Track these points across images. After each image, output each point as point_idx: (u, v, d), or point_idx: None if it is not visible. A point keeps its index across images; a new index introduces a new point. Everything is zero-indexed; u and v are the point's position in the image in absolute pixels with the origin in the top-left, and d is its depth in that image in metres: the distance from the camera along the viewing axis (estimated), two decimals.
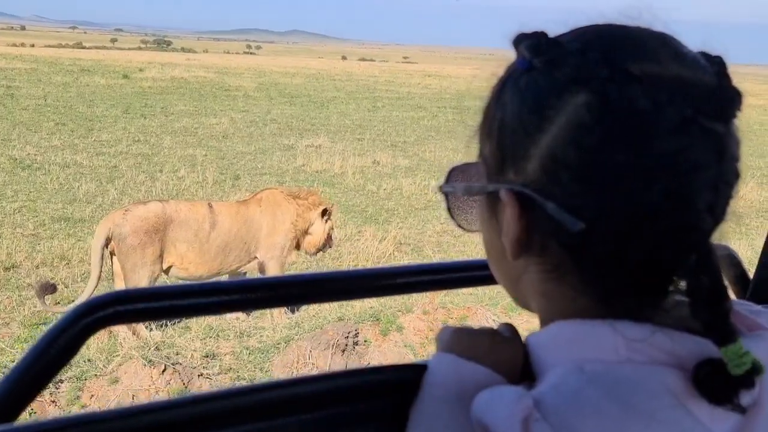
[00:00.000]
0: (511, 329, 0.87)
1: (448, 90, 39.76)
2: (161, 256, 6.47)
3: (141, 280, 6.28)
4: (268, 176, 13.28)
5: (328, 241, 7.67)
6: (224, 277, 6.93)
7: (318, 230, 7.44)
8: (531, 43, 0.73)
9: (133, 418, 0.80)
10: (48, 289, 5.86)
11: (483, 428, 0.69)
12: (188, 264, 6.62)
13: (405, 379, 0.88)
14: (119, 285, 6.35)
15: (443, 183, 0.89)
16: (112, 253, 6.40)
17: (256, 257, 7.10)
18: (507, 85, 0.76)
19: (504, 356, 0.82)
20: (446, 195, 0.89)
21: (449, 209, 0.90)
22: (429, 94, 36.13)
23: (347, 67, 66.55)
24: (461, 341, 0.84)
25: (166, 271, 6.65)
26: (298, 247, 7.50)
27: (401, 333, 6.10)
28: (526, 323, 6.25)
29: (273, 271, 7.11)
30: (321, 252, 7.80)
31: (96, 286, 6.26)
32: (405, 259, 9.19)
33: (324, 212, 7.41)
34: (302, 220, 7.29)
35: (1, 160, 12.89)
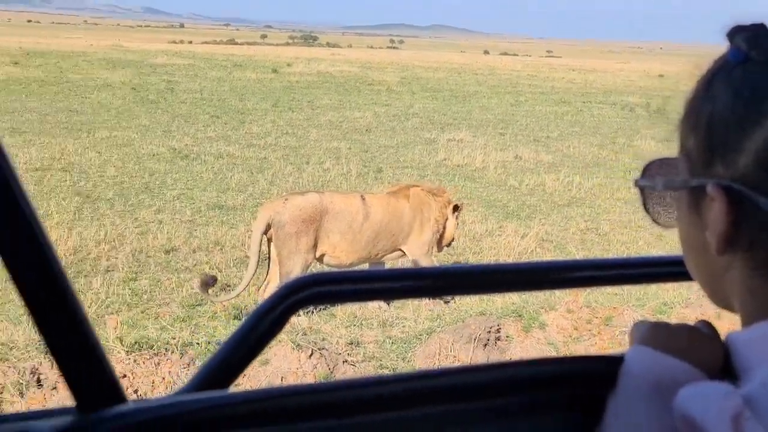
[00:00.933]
0: (709, 326, 0.86)
1: (593, 84, 38.68)
2: (315, 245, 6.68)
3: (295, 267, 6.51)
4: (409, 170, 13.43)
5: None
6: (365, 266, 7.11)
7: (450, 226, 7.51)
8: (748, 35, 0.72)
9: (343, 391, 0.86)
10: (210, 282, 6.22)
11: (689, 424, 0.69)
12: (340, 253, 6.80)
13: (595, 371, 0.89)
14: (274, 270, 6.62)
15: (640, 177, 0.88)
16: (269, 240, 6.68)
17: (400, 249, 7.21)
18: (717, 77, 0.75)
19: (703, 353, 0.81)
20: (642, 189, 0.88)
21: (644, 204, 0.89)
22: (573, 88, 35.29)
23: (490, 61, 66.05)
24: (659, 336, 0.84)
25: (320, 259, 6.86)
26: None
27: (544, 330, 6.02)
28: None
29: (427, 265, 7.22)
30: (447, 247, 7.84)
31: (255, 272, 6.55)
32: (547, 256, 9.05)
33: (455, 208, 7.47)
34: (441, 216, 7.37)
35: (162, 150, 13.72)
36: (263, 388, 0.87)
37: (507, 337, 5.94)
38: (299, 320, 6.30)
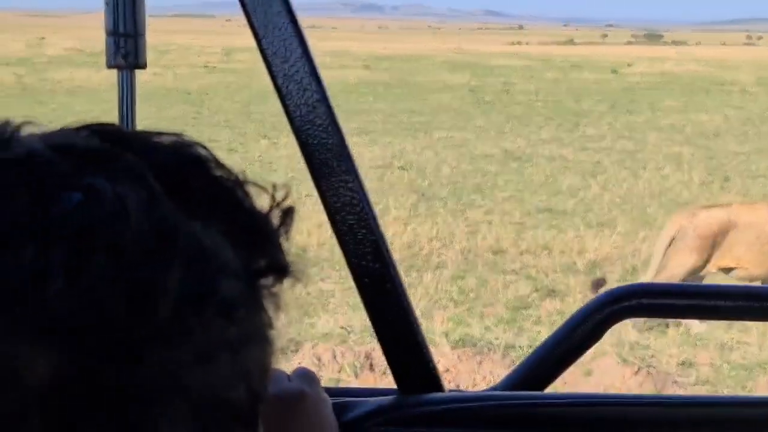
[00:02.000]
0: None
1: None
2: (708, 261, 6.72)
3: (675, 278, 6.46)
4: (763, 179, 12.14)
5: None
6: None
7: None
8: None
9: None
10: (600, 284, 6.42)
11: None
12: (747, 264, 6.71)
13: None
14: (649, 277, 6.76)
15: None
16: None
17: None
18: None
19: None
20: None
21: None
22: None
23: None
24: None
25: (726, 271, 6.80)
26: None
27: None
28: None
29: None
30: None
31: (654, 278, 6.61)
32: None
33: None
34: None
35: (495, 152, 13.97)
36: (578, 393, 0.82)
37: None
38: (627, 333, 5.98)
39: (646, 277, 6.60)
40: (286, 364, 5.07)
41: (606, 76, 31.55)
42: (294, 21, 0.76)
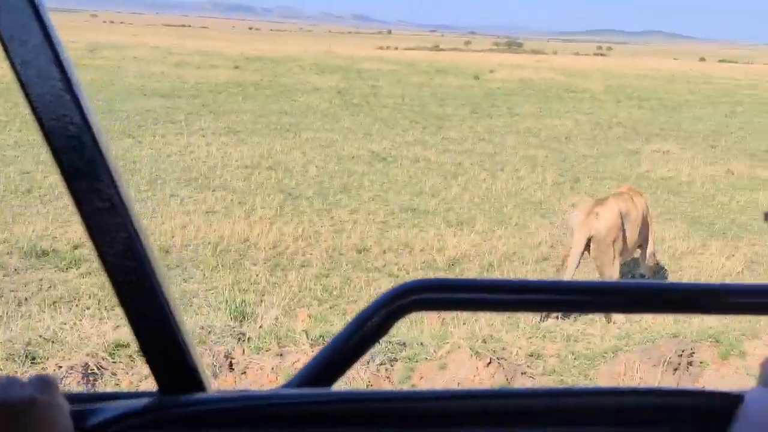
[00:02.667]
0: None
1: None
2: (624, 248, 7.39)
3: (615, 273, 7.20)
4: (609, 180, 12.94)
5: None
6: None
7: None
8: None
9: (423, 402, 0.84)
10: None
11: None
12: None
13: (708, 406, 0.83)
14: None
15: None
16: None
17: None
18: None
19: None
20: None
21: None
22: None
23: (705, 69, 62.21)
24: None
25: None
26: None
27: (744, 359, 5.56)
28: None
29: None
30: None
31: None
32: (756, 280, 8.36)
33: None
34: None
35: (362, 153, 14.18)
36: (366, 390, 0.87)
37: (701, 362, 5.55)
38: (480, 327, 6.25)
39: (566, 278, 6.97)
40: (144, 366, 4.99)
41: (469, 81, 32.56)
42: (33, 4, 0.71)
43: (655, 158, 15.17)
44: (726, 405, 0.80)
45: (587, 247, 7.18)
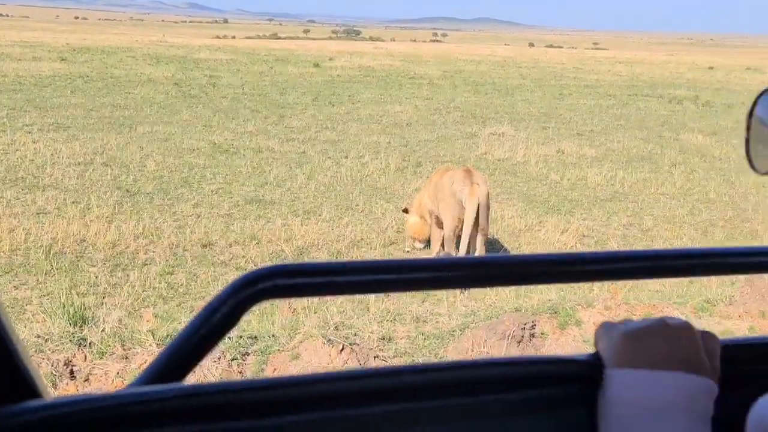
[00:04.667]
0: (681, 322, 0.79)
1: (640, 77, 38.01)
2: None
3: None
4: (449, 163, 13.30)
5: None
6: None
7: None
8: None
9: (279, 389, 0.82)
10: None
11: None
12: None
13: (565, 373, 0.86)
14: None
15: (755, 107, 0.77)
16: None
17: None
18: None
19: (692, 353, 0.74)
20: (751, 122, 0.78)
21: (748, 140, 0.79)
22: (619, 81, 34.74)
23: (534, 54, 65.38)
24: (638, 349, 0.76)
25: None
26: None
27: (580, 327, 5.89)
28: (718, 325, 5.84)
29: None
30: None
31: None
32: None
33: None
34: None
35: (203, 145, 13.81)
36: (219, 382, 0.82)
37: (542, 334, 5.83)
38: (331, 315, 6.26)
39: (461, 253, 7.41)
40: None
41: (309, 69, 32.49)
42: None
43: (492, 140, 15.76)
44: (581, 370, 0.84)
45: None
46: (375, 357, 5.55)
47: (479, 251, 7.67)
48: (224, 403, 0.80)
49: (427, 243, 8.59)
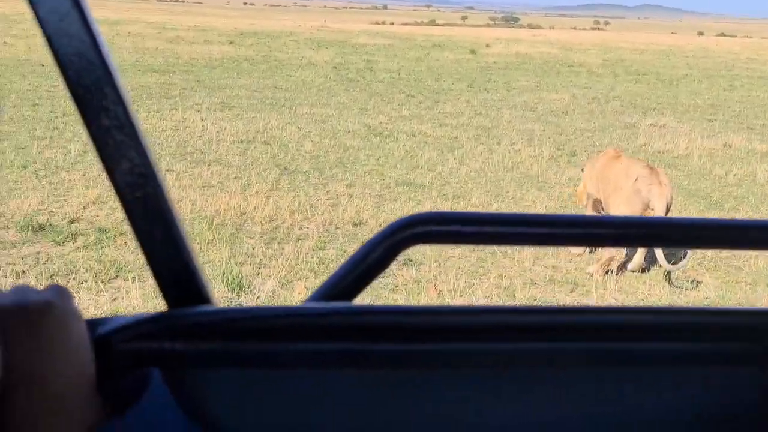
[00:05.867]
0: None
1: None
2: None
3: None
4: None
5: None
6: None
7: None
8: None
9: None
10: None
11: None
12: None
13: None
14: None
15: None
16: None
17: None
18: None
19: None
20: None
21: None
22: None
23: (703, 43, 61.99)
24: None
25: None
26: None
27: None
28: None
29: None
30: None
31: None
32: None
33: None
34: None
35: (358, 127, 14.11)
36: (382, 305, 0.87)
37: None
38: (476, 298, 6.25)
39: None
40: None
41: (465, 56, 32.39)
42: None
43: (652, 132, 15.14)
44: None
45: None
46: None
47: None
48: (391, 324, 0.84)
49: None
